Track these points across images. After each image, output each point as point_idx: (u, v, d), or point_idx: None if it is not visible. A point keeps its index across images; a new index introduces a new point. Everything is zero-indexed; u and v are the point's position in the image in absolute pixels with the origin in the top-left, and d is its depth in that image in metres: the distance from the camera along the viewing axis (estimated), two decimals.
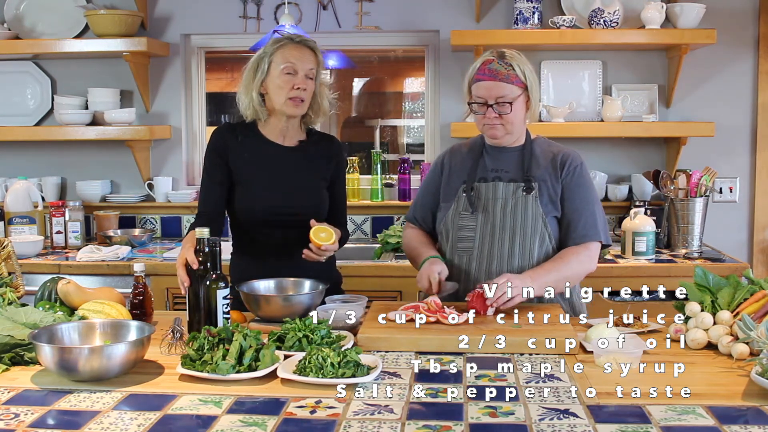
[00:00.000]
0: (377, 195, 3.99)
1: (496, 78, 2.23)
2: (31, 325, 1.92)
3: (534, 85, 2.28)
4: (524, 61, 2.29)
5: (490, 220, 2.31)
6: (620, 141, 3.88)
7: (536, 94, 2.30)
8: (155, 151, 4.08)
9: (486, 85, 2.24)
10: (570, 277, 2.21)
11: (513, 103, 2.24)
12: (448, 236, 2.37)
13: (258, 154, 2.45)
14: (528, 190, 2.29)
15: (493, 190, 2.32)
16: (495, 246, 2.30)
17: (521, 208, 2.29)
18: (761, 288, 2.04)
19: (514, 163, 2.34)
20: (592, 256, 2.30)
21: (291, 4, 3.82)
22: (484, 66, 2.25)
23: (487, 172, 2.35)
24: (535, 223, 2.28)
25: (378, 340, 1.96)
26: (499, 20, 3.84)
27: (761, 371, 1.63)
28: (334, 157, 2.54)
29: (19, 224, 3.67)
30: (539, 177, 2.31)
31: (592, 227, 2.29)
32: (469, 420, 1.50)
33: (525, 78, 2.25)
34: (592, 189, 2.36)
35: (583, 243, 2.28)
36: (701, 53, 3.78)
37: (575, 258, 2.26)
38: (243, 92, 2.43)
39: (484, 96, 2.25)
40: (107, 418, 1.53)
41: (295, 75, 2.36)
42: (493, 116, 2.26)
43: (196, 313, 2.03)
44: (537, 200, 2.29)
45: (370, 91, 5.51)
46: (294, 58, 2.37)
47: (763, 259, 3.89)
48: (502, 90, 2.23)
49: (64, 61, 4.00)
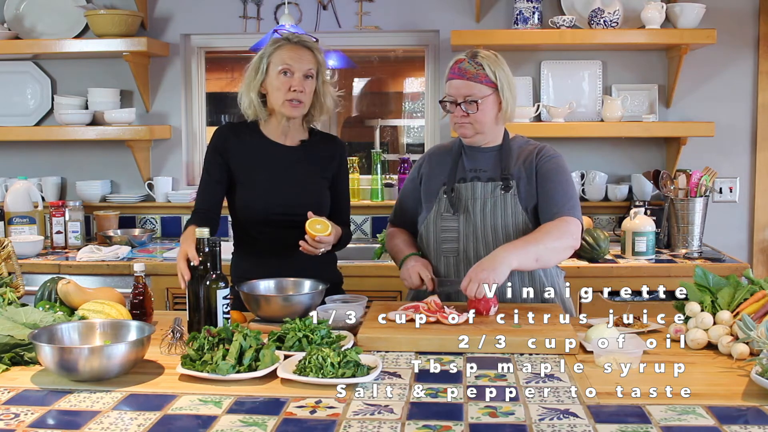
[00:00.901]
0: (377, 195, 3.99)
1: (464, 77, 2.25)
2: (31, 325, 1.92)
3: (506, 85, 2.27)
4: (498, 62, 2.28)
5: (472, 221, 2.32)
6: (620, 141, 3.88)
7: (509, 94, 2.28)
8: (155, 151, 4.08)
9: (455, 84, 2.27)
10: (551, 249, 2.17)
11: (480, 102, 2.25)
12: (431, 238, 2.37)
13: (259, 153, 2.45)
14: (506, 188, 2.30)
15: (472, 190, 2.33)
16: (480, 245, 2.31)
17: (501, 206, 2.30)
18: (761, 288, 2.04)
19: (491, 162, 2.35)
20: (572, 230, 2.22)
21: (291, 4, 3.82)
22: (456, 65, 2.28)
23: (466, 173, 2.36)
24: (516, 220, 2.29)
25: (378, 340, 1.96)
26: (499, 20, 3.84)
27: (761, 371, 1.63)
28: (337, 156, 2.53)
29: (19, 224, 3.67)
30: (516, 174, 2.32)
31: (565, 204, 2.25)
32: (469, 420, 1.50)
33: (495, 78, 2.26)
34: (566, 175, 2.31)
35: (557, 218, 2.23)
36: (701, 53, 3.78)
37: (554, 229, 2.20)
38: (244, 92, 2.43)
39: (453, 94, 2.28)
40: (107, 418, 1.53)
41: (291, 76, 2.35)
42: (460, 114, 2.28)
43: (196, 313, 2.03)
44: (516, 197, 2.30)
45: (370, 91, 5.51)
46: (290, 59, 2.36)
47: (763, 259, 3.89)
48: (470, 89, 2.25)
49: (64, 61, 4.01)
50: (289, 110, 2.38)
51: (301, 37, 2.42)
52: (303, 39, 2.41)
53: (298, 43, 2.39)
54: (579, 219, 2.27)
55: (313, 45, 2.42)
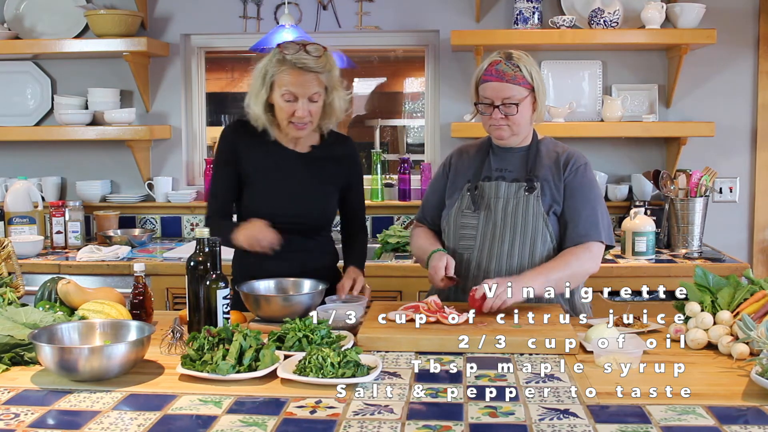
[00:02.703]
0: (377, 195, 3.99)
1: (503, 79, 2.23)
2: (31, 325, 1.92)
3: (540, 86, 2.27)
4: (531, 62, 2.28)
5: (492, 219, 2.31)
6: (620, 141, 3.88)
7: (543, 95, 2.29)
8: (155, 151, 4.08)
9: (493, 86, 2.24)
10: (570, 278, 2.19)
11: (519, 105, 2.24)
12: (450, 233, 2.38)
13: (268, 158, 2.42)
14: (530, 189, 2.29)
15: (496, 189, 2.32)
16: (495, 244, 2.30)
17: (522, 207, 2.29)
18: (761, 288, 2.04)
19: (518, 163, 2.34)
20: (594, 256, 2.28)
21: (291, 4, 3.82)
22: (492, 67, 2.25)
23: (492, 172, 2.36)
24: (536, 222, 2.28)
25: (378, 340, 1.96)
26: (499, 20, 3.84)
27: (761, 371, 1.63)
28: (346, 159, 2.49)
29: (19, 224, 3.67)
30: (542, 177, 2.31)
31: (593, 227, 2.28)
32: (469, 420, 1.50)
33: (532, 79, 2.25)
34: (596, 189, 2.35)
35: (583, 243, 2.27)
36: (701, 53, 3.78)
37: (575, 258, 2.25)
38: (252, 102, 2.36)
39: (491, 97, 2.25)
40: (107, 418, 1.53)
41: (295, 101, 2.28)
42: (499, 117, 2.25)
43: (196, 313, 2.03)
44: (539, 200, 2.29)
45: (370, 91, 5.50)
46: (293, 86, 2.26)
47: (763, 259, 3.89)
48: (509, 91, 2.23)
49: (64, 61, 4.00)
50: (294, 132, 2.35)
51: (305, 62, 2.26)
52: (306, 63, 2.25)
53: (302, 68, 2.26)
54: (606, 240, 2.29)
55: (319, 67, 2.27)
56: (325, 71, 2.30)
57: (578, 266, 2.25)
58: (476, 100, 2.30)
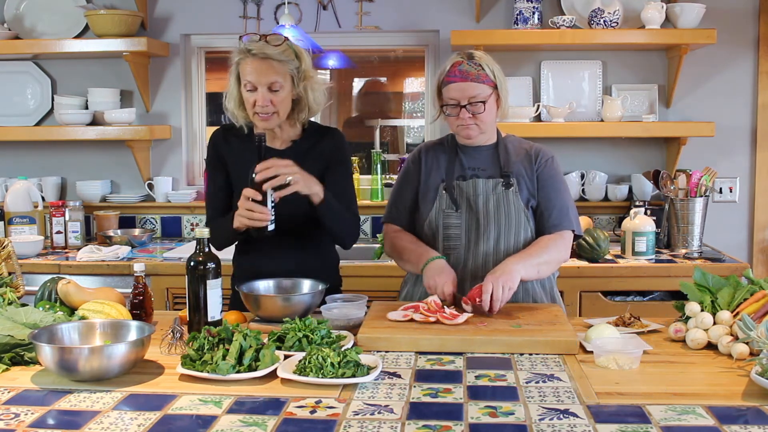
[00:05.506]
0: (377, 195, 3.99)
1: (467, 79, 2.26)
2: (31, 325, 1.92)
3: (503, 83, 2.31)
4: (492, 61, 2.32)
5: (474, 217, 2.34)
6: (620, 141, 3.89)
7: (505, 92, 2.33)
8: (155, 151, 4.08)
9: (458, 86, 2.26)
10: (549, 262, 2.29)
11: (486, 103, 2.27)
12: (434, 236, 2.38)
13: (248, 159, 2.40)
14: (507, 185, 2.32)
15: (474, 186, 2.34)
16: (481, 241, 2.32)
17: (503, 203, 2.32)
18: (761, 288, 2.04)
19: (489, 160, 2.38)
20: (567, 245, 2.36)
21: (291, 4, 3.82)
22: (455, 68, 2.28)
23: (465, 170, 2.38)
24: (518, 216, 2.32)
25: (378, 340, 1.96)
26: (499, 20, 3.84)
27: (761, 371, 1.63)
28: (327, 150, 2.43)
29: (19, 224, 3.67)
30: (517, 172, 2.35)
31: (564, 216, 2.35)
32: (469, 420, 1.50)
33: (495, 77, 2.29)
34: (563, 180, 2.42)
35: (557, 231, 2.34)
36: (701, 53, 3.78)
37: (553, 244, 2.31)
38: (227, 101, 2.38)
39: (456, 97, 2.27)
40: (107, 418, 1.53)
41: (255, 91, 2.26)
42: (467, 116, 2.28)
43: (196, 313, 2.03)
44: (517, 195, 2.33)
45: (371, 91, 5.51)
46: (251, 74, 2.24)
47: (763, 259, 3.89)
48: (475, 90, 2.26)
49: (64, 61, 4.01)
50: (259, 122, 2.32)
51: (264, 49, 2.25)
52: (265, 50, 2.25)
53: (258, 55, 2.24)
54: (574, 228, 2.37)
55: (278, 55, 2.25)
56: (287, 60, 2.28)
57: (556, 252, 2.32)
58: (441, 102, 2.33)
